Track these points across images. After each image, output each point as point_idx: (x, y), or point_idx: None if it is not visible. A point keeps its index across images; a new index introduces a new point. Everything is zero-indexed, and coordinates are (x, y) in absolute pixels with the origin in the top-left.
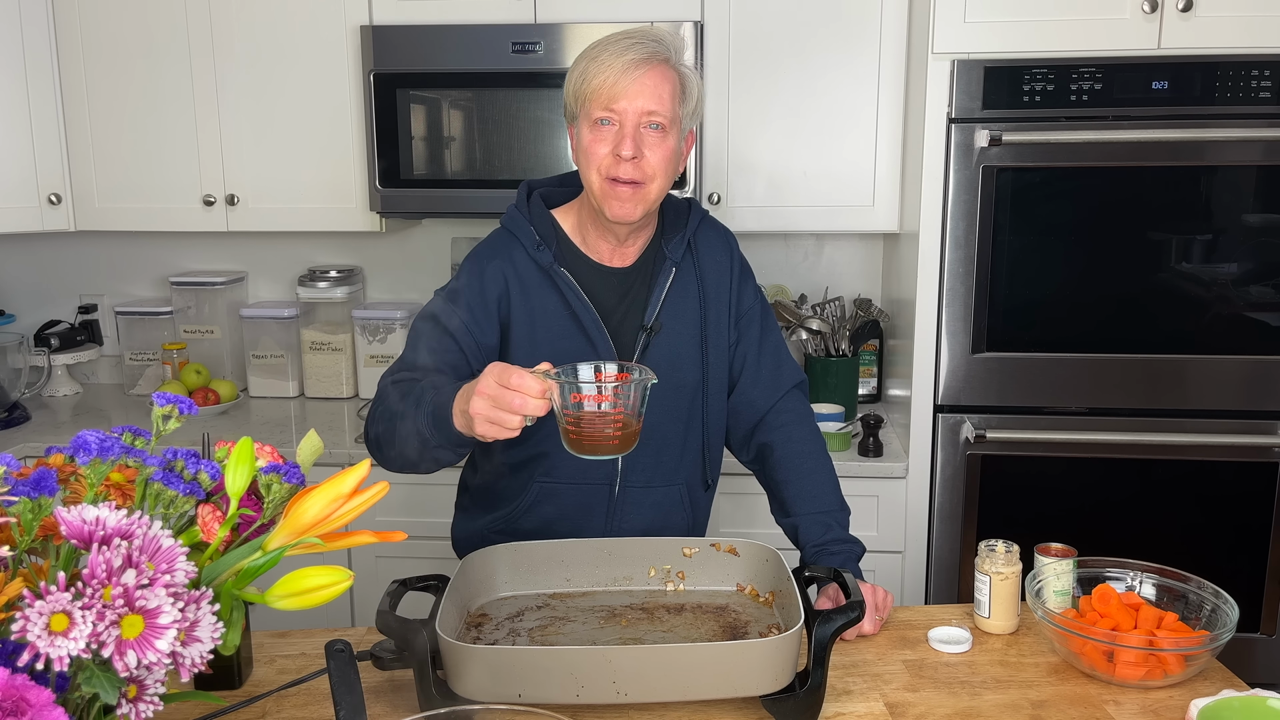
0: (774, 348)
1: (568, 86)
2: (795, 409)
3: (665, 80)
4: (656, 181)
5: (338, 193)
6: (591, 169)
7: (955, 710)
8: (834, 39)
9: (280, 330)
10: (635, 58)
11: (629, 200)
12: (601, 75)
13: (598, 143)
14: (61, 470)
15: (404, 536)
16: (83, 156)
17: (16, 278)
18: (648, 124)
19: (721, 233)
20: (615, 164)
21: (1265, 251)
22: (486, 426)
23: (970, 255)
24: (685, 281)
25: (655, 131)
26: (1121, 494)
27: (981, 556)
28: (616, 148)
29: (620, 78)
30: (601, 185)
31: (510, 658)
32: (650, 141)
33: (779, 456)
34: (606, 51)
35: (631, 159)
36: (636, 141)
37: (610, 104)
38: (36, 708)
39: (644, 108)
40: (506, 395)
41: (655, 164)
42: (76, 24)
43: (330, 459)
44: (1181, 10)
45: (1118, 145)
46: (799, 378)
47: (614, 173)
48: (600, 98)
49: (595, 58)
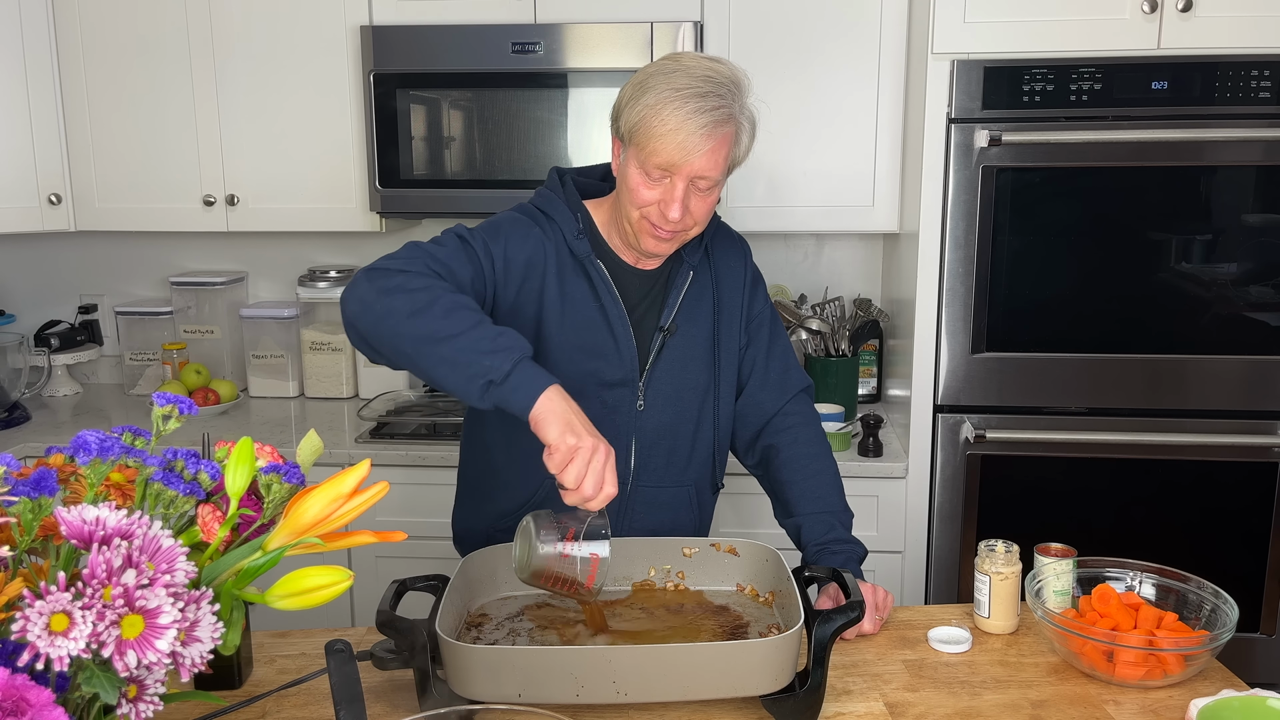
0: (782, 352)
1: (625, 112)
2: (802, 412)
3: (725, 143)
4: (696, 228)
5: (338, 193)
6: (633, 207)
7: (955, 710)
8: (834, 39)
9: (280, 330)
10: (700, 128)
11: (666, 242)
12: (665, 139)
13: (645, 189)
14: (61, 470)
15: (404, 536)
16: (83, 156)
17: (16, 278)
18: (697, 185)
19: (737, 240)
20: (659, 216)
21: (1265, 251)
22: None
23: (970, 255)
24: (701, 286)
25: (703, 191)
26: (1121, 494)
27: (981, 556)
28: (664, 205)
29: (684, 147)
30: (640, 221)
31: (510, 658)
32: (697, 197)
33: (785, 458)
34: (673, 109)
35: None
36: (685, 203)
37: (669, 165)
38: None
39: (699, 173)
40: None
41: (699, 214)
42: (76, 24)
43: (330, 459)
44: (1181, 10)
45: (1118, 145)
46: (805, 382)
47: (656, 221)
48: (657, 159)
49: (660, 110)
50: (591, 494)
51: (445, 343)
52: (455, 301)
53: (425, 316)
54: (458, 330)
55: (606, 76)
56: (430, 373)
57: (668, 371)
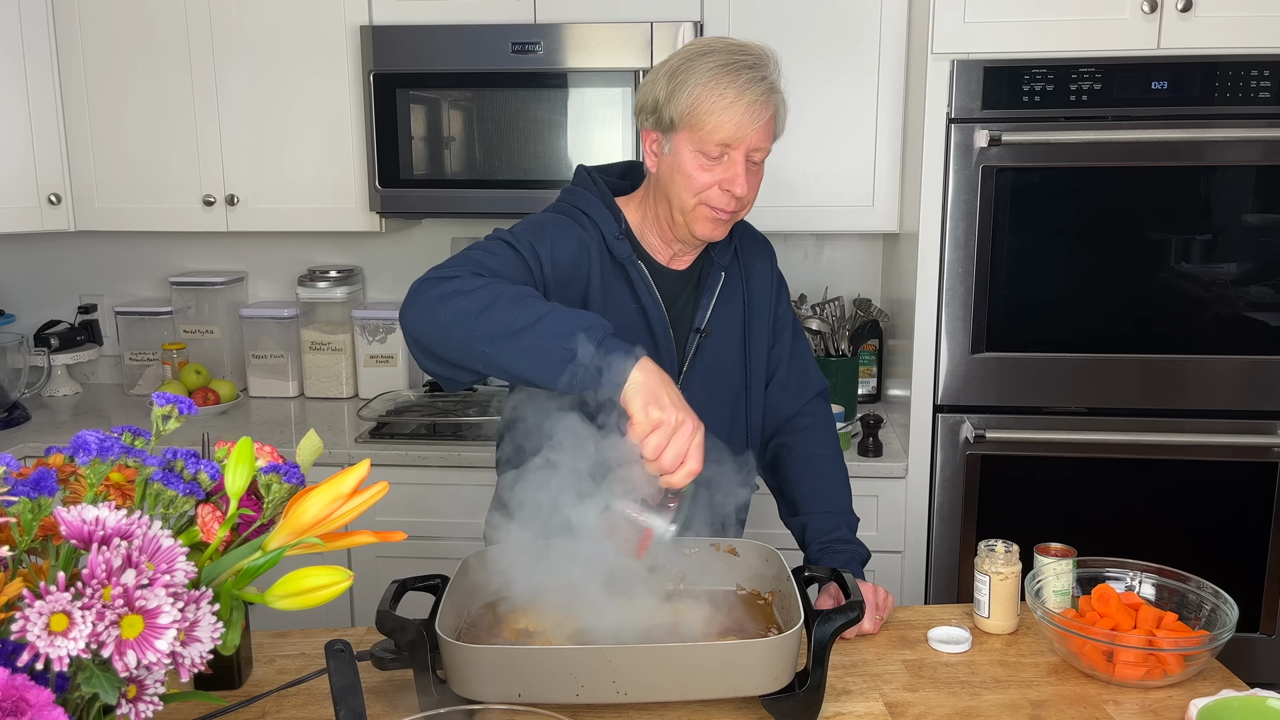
0: (802, 354)
1: (667, 98)
2: (817, 414)
3: (777, 114)
4: (748, 207)
5: (338, 193)
6: (689, 193)
7: (955, 710)
8: (834, 39)
9: (280, 330)
10: (757, 99)
11: (724, 224)
12: (724, 114)
13: (704, 172)
14: (61, 470)
15: (404, 536)
16: (83, 156)
17: (16, 278)
18: (753, 158)
19: (763, 242)
20: (720, 196)
21: (1265, 251)
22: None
23: (970, 255)
24: (732, 286)
25: (757, 164)
26: (1121, 494)
27: (981, 556)
28: (726, 183)
29: (745, 120)
30: (698, 208)
31: (510, 657)
32: (752, 172)
33: (796, 457)
34: (726, 83)
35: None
36: (746, 177)
37: (729, 142)
38: (36, 708)
39: (756, 145)
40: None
41: (752, 194)
42: (76, 24)
43: (330, 459)
44: (1181, 10)
45: (1117, 145)
46: (823, 384)
47: (716, 203)
48: (719, 135)
49: (714, 87)
50: (671, 467)
51: (523, 333)
52: (520, 292)
53: (494, 312)
54: (532, 319)
55: (606, 76)
56: (510, 367)
57: (703, 373)
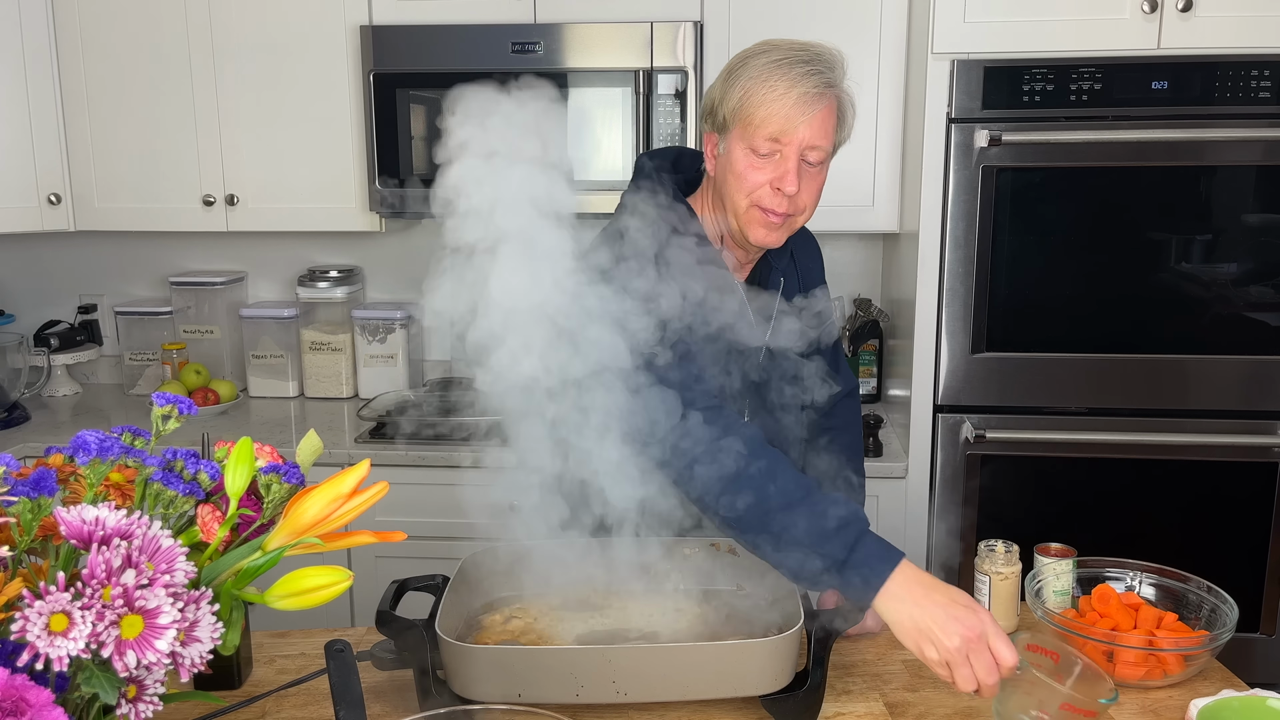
0: (836, 351)
1: (722, 96)
2: (844, 414)
3: (830, 112)
4: (806, 214)
5: (338, 193)
6: (741, 194)
7: (955, 710)
8: (833, 39)
9: (280, 330)
10: (809, 91)
11: (778, 230)
12: (773, 105)
13: (754, 170)
14: (61, 470)
15: (404, 536)
16: (83, 156)
17: (16, 278)
18: (808, 158)
19: (813, 241)
20: (771, 196)
21: (1265, 251)
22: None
23: (970, 255)
24: (790, 291)
25: (813, 166)
26: (1121, 494)
27: (981, 556)
28: (777, 181)
29: (793, 112)
30: (750, 210)
31: (510, 658)
32: (808, 174)
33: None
34: (778, 76)
35: (791, 195)
36: (798, 176)
37: (778, 136)
38: (36, 708)
39: (810, 142)
40: (983, 656)
41: (808, 198)
42: (76, 24)
43: (330, 459)
44: (1181, 10)
45: (1117, 145)
46: (852, 384)
47: (769, 204)
48: (768, 128)
49: (765, 80)
50: (990, 684)
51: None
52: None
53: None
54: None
55: (606, 76)
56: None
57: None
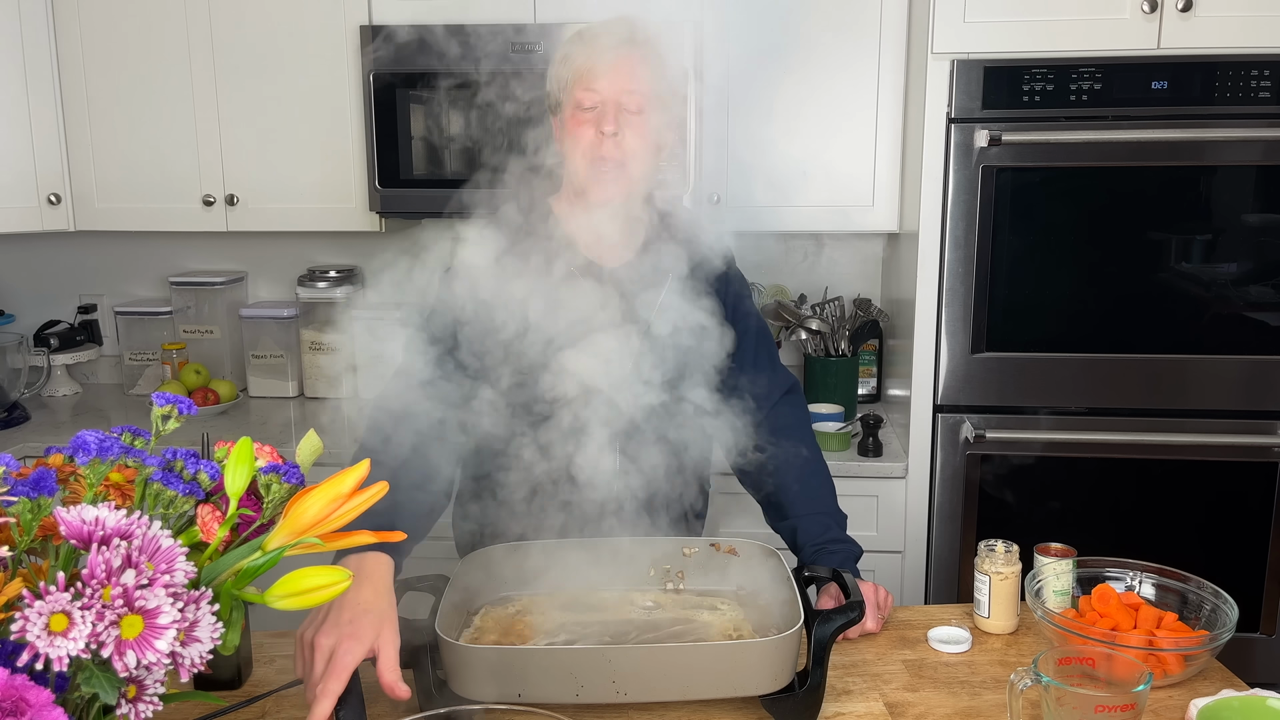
0: (768, 356)
1: (551, 76)
2: (790, 413)
3: (643, 61)
4: (636, 162)
5: (338, 193)
6: (576, 151)
7: (955, 710)
8: (833, 39)
9: (280, 330)
10: (611, 41)
11: (612, 181)
12: (581, 59)
13: (580, 124)
14: (61, 470)
15: (403, 536)
16: (82, 156)
17: (16, 278)
18: (626, 106)
19: (718, 247)
20: (599, 142)
21: (1265, 251)
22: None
23: (970, 255)
24: (680, 292)
25: (634, 114)
26: (1121, 494)
27: (981, 556)
28: (599, 126)
29: (598, 60)
30: (586, 167)
31: (510, 658)
32: (629, 123)
33: (777, 463)
34: (585, 38)
35: (613, 135)
36: (617, 120)
37: (591, 83)
38: (36, 708)
39: (623, 86)
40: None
41: (635, 144)
42: (76, 24)
43: (330, 459)
44: (1181, 10)
45: (1117, 145)
46: (790, 381)
47: (598, 151)
48: (582, 78)
49: (575, 44)
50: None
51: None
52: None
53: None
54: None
55: None
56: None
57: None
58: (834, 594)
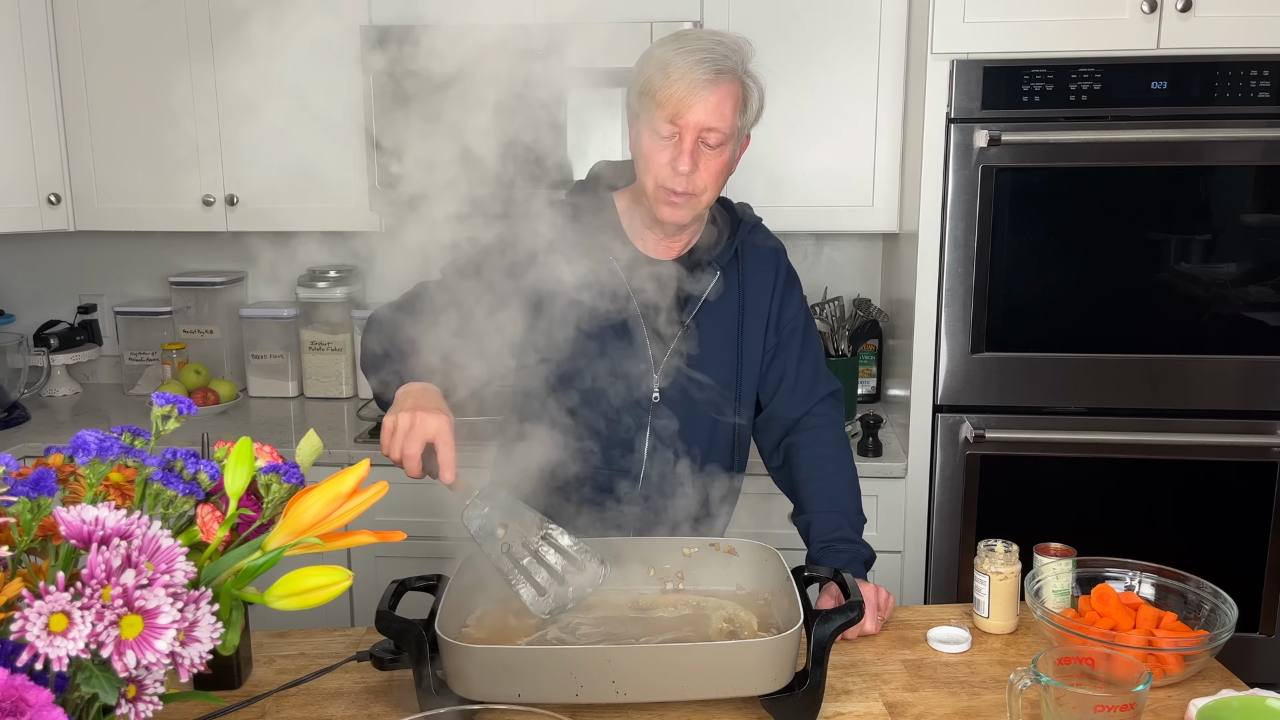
0: (813, 358)
1: (633, 83)
2: (827, 414)
3: (729, 96)
4: (708, 193)
5: (338, 193)
6: (648, 175)
7: (955, 710)
8: (833, 39)
9: (280, 330)
10: (704, 76)
11: (681, 208)
12: (669, 89)
13: (657, 152)
14: (61, 470)
15: (403, 536)
16: (82, 156)
17: (16, 278)
18: (705, 141)
19: (771, 244)
20: (671, 176)
21: (1265, 251)
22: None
23: (969, 255)
24: (728, 286)
25: (712, 148)
26: (1121, 494)
27: (981, 556)
28: (674, 161)
29: (687, 95)
30: (655, 191)
31: (510, 657)
32: (706, 155)
33: (804, 457)
34: (676, 62)
35: (686, 174)
36: (694, 157)
37: (674, 117)
38: (36, 708)
39: (704, 124)
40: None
41: (708, 178)
42: (76, 24)
43: (330, 459)
44: (1180, 10)
45: (1117, 145)
46: (833, 386)
47: (669, 184)
48: (665, 109)
49: (663, 65)
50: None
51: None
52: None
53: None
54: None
55: (606, 76)
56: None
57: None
58: (834, 594)
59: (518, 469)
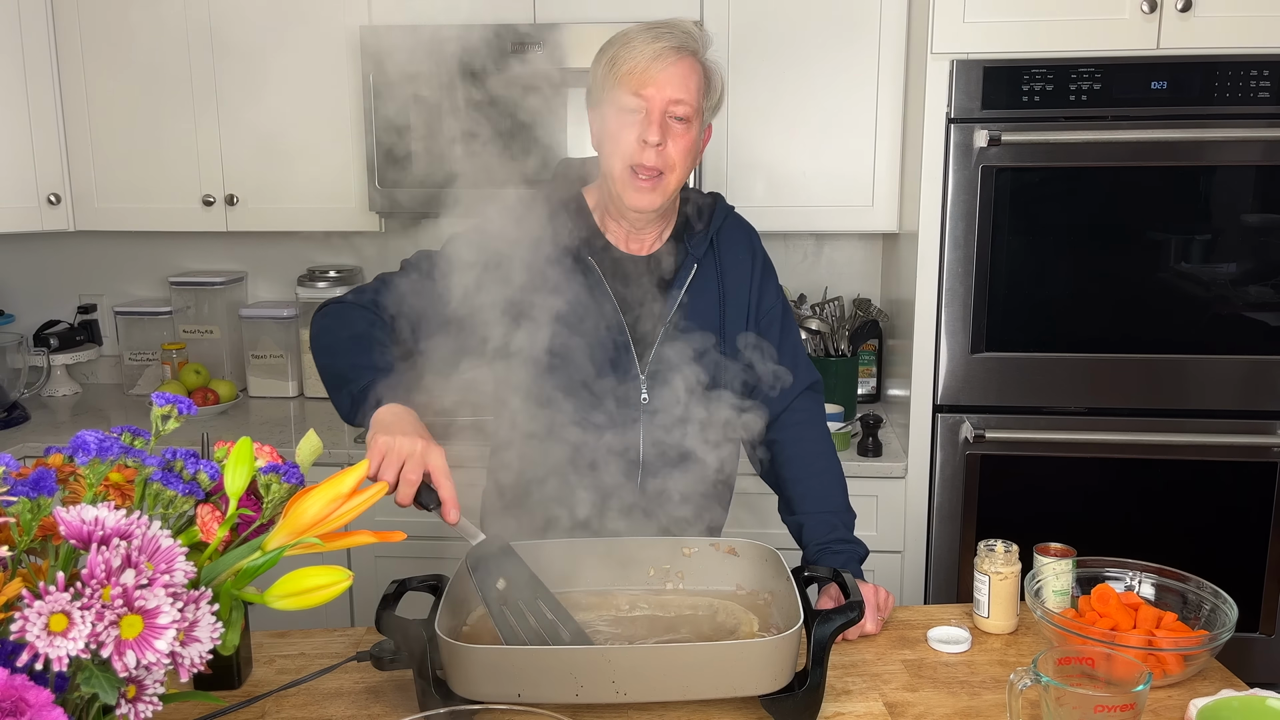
0: (792, 349)
1: (595, 71)
2: (809, 408)
3: (692, 72)
4: (676, 172)
5: (337, 193)
6: (615, 155)
7: (955, 710)
8: (833, 39)
9: (280, 330)
10: (666, 46)
11: (649, 191)
12: (633, 60)
13: (624, 129)
14: (60, 470)
15: (403, 536)
16: (82, 156)
17: (16, 278)
18: (673, 114)
19: (745, 230)
20: (640, 150)
21: (1265, 251)
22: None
23: (969, 255)
24: (705, 277)
25: (679, 123)
26: (1121, 494)
27: (981, 556)
28: (642, 134)
29: (651, 64)
30: (623, 173)
31: (510, 657)
32: (674, 132)
33: (789, 455)
34: (638, 38)
35: (657, 145)
36: (662, 130)
37: (639, 89)
38: (36, 708)
39: (671, 96)
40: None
41: (676, 154)
42: (76, 24)
43: (329, 459)
44: (1180, 10)
45: (1117, 145)
46: (814, 377)
47: (639, 159)
48: (630, 82)
49: (626, 43)
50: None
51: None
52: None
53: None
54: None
55: None
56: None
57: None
58: (834, 594)
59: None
